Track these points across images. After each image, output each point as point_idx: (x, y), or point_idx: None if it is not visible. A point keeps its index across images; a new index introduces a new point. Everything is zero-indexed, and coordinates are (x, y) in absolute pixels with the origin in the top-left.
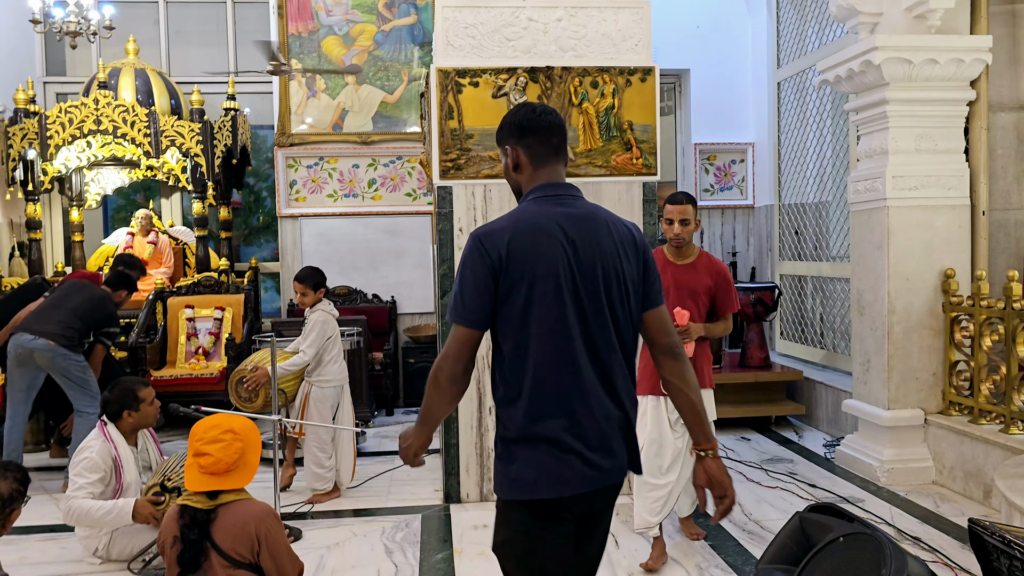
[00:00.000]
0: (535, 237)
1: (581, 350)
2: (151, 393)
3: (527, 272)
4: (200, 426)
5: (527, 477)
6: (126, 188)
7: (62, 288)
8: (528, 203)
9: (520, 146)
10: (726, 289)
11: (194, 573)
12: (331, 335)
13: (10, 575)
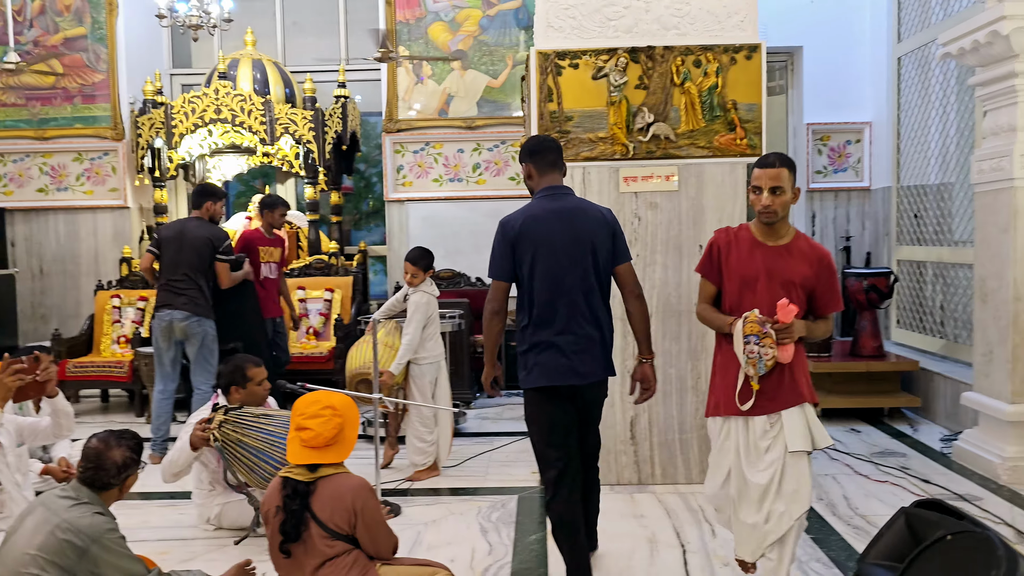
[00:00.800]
0: (537, 222)
1: (566, 292)
2: (261, 374)
3: (532, 243)
4: (302, 402)
5: (534, 374)
6: (245, 174)
7: (169, 250)
8: (536, 200)
9: (531, 162)
10: (829, 282)
11: (295, 542)
12: (431, 314)
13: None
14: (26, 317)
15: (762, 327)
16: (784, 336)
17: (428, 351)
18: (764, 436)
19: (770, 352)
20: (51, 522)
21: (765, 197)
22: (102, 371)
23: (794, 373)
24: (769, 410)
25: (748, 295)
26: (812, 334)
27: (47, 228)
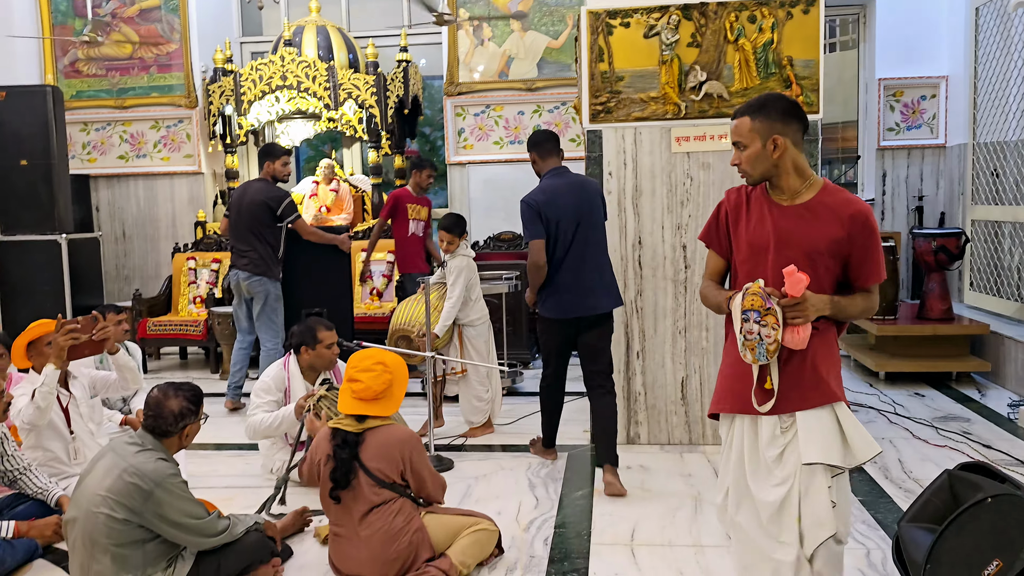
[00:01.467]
0: (552, 195)
1: (577, 249)
2: (331, 337)
3: (552, 214)
4: (356, 356)
5: (548, 306)
6: (313, 139)
7: (233, 213)
8: (546, 179)
9: (535, 152)
10: (866, 245)
11: (344, 489)
12: (472, 277)
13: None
14: (110, 278)
15: (765, 301)
16: (795, 314)
17: (477, 312)
18: (772, 443)
19: (772, 334)
20: (119, 466)
21: (734, 155)
22: (179, 329)
23: (816, 364)
24: (781, 409)
25: (758, 269)
26: (842, 312)
27: (128, 193)
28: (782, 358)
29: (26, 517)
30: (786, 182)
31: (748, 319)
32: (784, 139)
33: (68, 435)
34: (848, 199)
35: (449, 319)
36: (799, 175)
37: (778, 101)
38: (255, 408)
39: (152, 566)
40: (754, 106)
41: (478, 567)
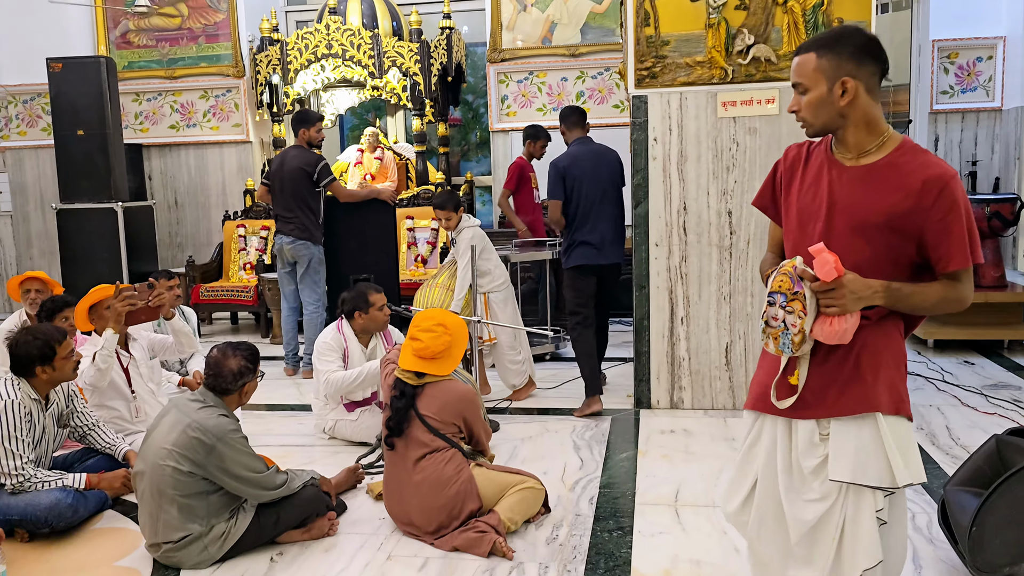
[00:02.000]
0: (576, 160)
1: (596, 209)
2: (382, 299)
3: (576, 177)
4: (420, 316)
5: (573, 258)
6: (358, 108)
7: (274, 182)
8: (572, 147)
9: (563, 124)
10: (945, 221)
11: (398, 437)
12: (484, 245)
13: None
14: (164, 245)
15: (794, 283)
16: (829, 302)
17: (499, 277)
18: (810, 451)
19: (797, 323)
20: (183, 422)
21: (792, 99)
22: (230, 295)
23: (860, 363)
24: (808, 413)
25: (802, 243)
26: (904, 303)
27: (179, 162)
28: (819, 352)
29: (95, 470)
30: (853, 136)
31: (773, 302)
32: (855, 83)
33: (129, 395)
34: (926, 162)
35: (462, 292)
36: (869, 130)
37: (854, 36)
38: (328, 366)
39: (216, 516)
40: (824, 41)
41: (525, 524)
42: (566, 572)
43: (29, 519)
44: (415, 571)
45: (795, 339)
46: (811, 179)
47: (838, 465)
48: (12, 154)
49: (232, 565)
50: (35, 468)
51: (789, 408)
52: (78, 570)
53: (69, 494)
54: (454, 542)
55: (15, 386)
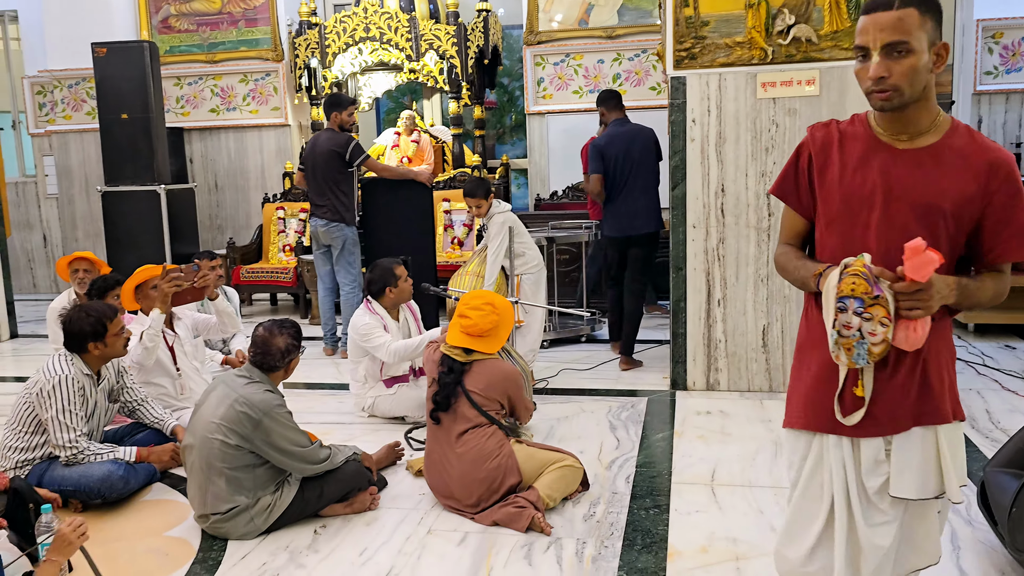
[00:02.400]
0: (614, 139)
1: (631, 184)
2: (404, 271)
3: (613, 155)
4: (469, 295)
5: (608, 228)
6: (394, 91)
7: (307, 166)
8: (611, 127)
9: (603, 107)
10: (1009, 206)
11: (444, 411)
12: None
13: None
14: (205, 227)
15: (872, 285)
16: (912, 304)
17: (530, 260)
18: (875, 470)
19: (879, 331)
20: (231, 397)
21: (875, 63)
22: (270, 276)
23: (928, 369)
24: (889, 429)
25: (854, 232)
26: (969, 300)
27: (219, 146)
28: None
29: (145, 444)
30: (916, 114)
31: (846, 308)
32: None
33: (175, 372)
34: (986, 145)
35: (492, 276)
36: (930, 107)
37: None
38: (381, 339)
39: (262, 489)
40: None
41: (563, 501)
42: (603, 548)
43: (82, 490)
44: (455, 545)
45: (875, 349)
46: (855, 162)
47: (903, 481)
48: (58, 138)
49: (277, 536)
50: (88, 441)
51: (856, 426)
52: (130, 539)
53: (120, 466)
54: (493, 516)
55: (69, 362)
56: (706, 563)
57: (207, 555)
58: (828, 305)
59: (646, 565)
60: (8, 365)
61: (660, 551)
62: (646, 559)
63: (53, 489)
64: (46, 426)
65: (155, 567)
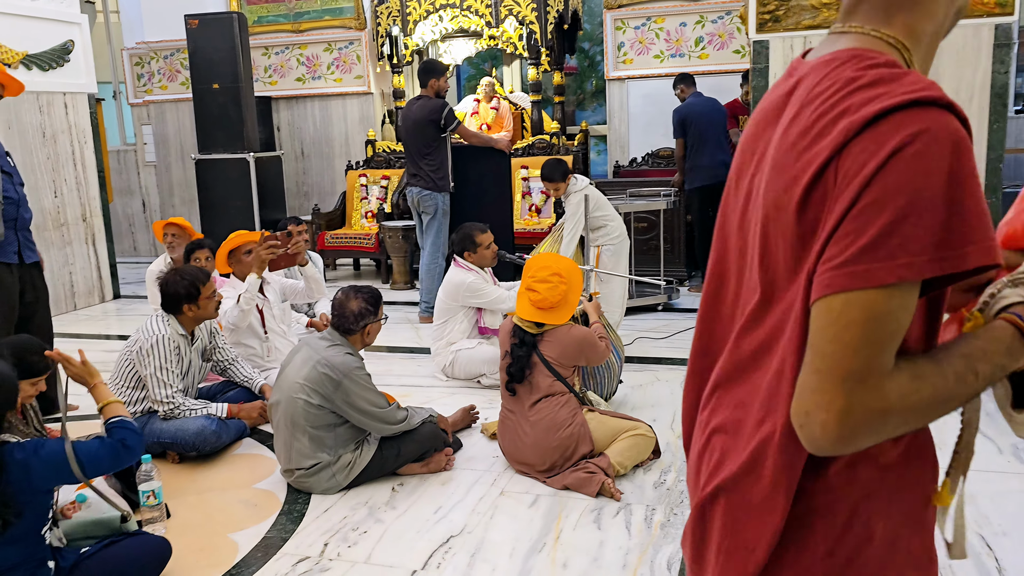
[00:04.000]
0: (693, 108)
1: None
2: (488, 238)
3: (692, 118)
4: (533, 264)
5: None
6: (474, 58)
7: (401, 134)
8: (690, 99)
9: (683, 84)
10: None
11: (519, 383)
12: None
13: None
14: (292, 194)
15: None
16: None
17: (612, 231)
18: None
19: None
20: (313, 358)
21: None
22: (353, 242)
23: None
24: None
25: None
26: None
27: (305, 114)
28: None
29: (235, 402)
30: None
31: None
32: None
33: (263, 334)
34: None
35: (570, 249)
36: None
37: None
38: (496, 291)
39: (343, 447)
40: None
41: (634, 468)
42: (672, 515)
43: (179, 443)
44: (526, 507)
45: None
46: None
47: None
48: (155, 107)
49: (357, 492)
50: (183, 397)
51: None
52: (222, 489)
53: (213, 422)
54: (565, 481)
55: (165, 322)
56: None
57: (292, 507)
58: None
59: None
60: (112, 324)
61: None
62: None
63: (152, 442)
64: (145, 382)
65: (245, 517)
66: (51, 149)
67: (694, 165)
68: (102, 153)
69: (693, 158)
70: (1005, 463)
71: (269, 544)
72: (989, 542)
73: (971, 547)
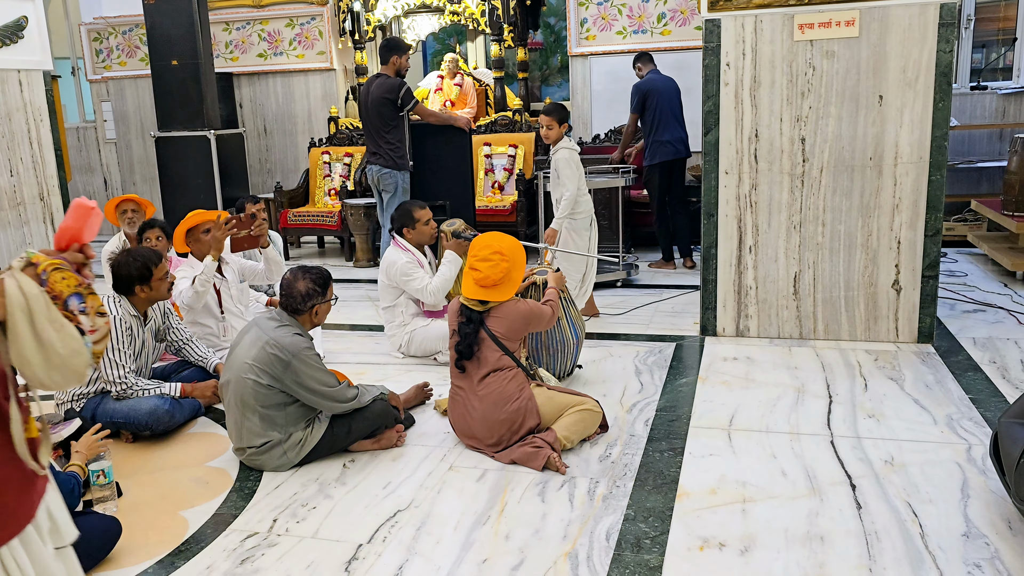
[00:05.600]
0: (652, 85)
1: (668, 116)
2: (427, 215)
3: (652, 98)
4: (477, 243)
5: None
6: (439, 33)
7: (360, 111)
8: (648, 75)
9: (640, 62)
10: None
11: (468, 360)
12: (579, 171)
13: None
14: (254, 171)
15: (77, 273)
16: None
17: (582, 207)
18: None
19: (101, 324)
20: (262, 339)
21: None
22: (316, 220)
23: None
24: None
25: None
26: None
27: (267, 90)
28: None
29: (189, 381)
30: None
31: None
32: None
33: (219, 314)
34: None
35: (566, 211)
36: None
37: None
38: (421, 280)
39: (293, 425)
40: None
41: (581, 442)
42: (615, 487)
43: (132, 423)
44: (473, 481)
45: (98, 348)
46: None
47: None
48: (114, 84)
49: (309, 469)
50: (136, 377)
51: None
52: (175, 468)
53: (166, 401)
54: (512, 455)
55: (117, 303)
56: (713, 504)
57: (244, 484)
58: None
59: (654, 504)
60: None
61: (670, 492)
62: (655, 499)
63: (105, 421)
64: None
65: (196, 494)
66: (5, 127)
67: (656, 140)
68: (59, 131)
69: (655, 134)
70: (939, 433)
71: (219, 520)
72: (915, 509)
73: (897, 513)
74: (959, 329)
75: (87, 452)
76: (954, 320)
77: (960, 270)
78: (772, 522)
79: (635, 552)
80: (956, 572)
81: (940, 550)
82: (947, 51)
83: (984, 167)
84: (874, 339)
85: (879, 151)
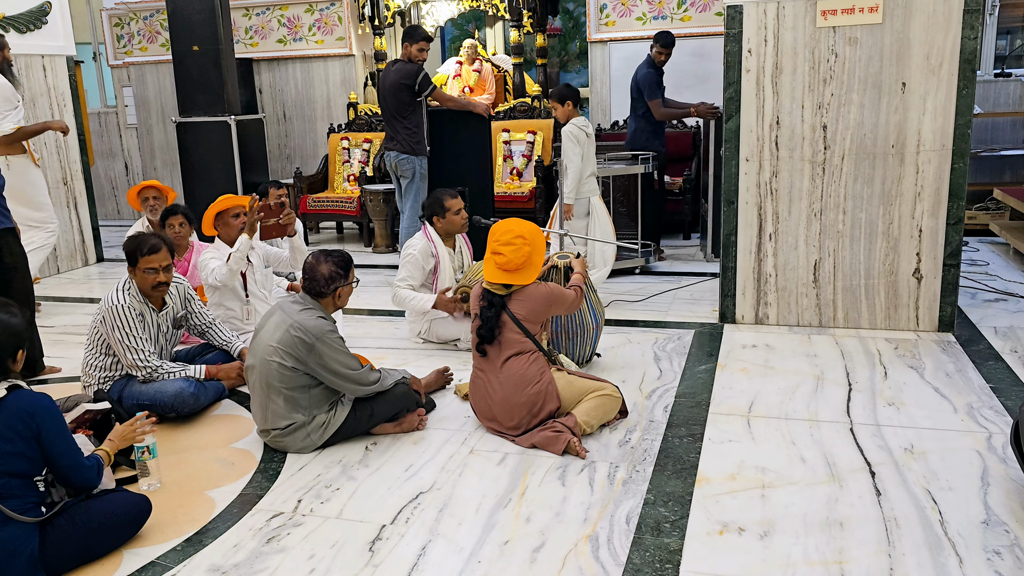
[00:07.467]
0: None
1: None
2: (458, 204)
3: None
4: (498, 228)
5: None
6: (458, 19)
7: (379, 98)
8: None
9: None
10: None
11: (490, 344)
12: (583, 150)
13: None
14: (274, 157)
15: None
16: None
17: (583, 187)
18: None
19: None
20: (287, 322)
21: None
22: (335, 206)
23: None
24: None
25: None
26: None
27: (287, 76)
28: None
29: (213, 363)
30: None
31: None
32: None
33: (244, 297)
34: None
35: (571, 187)
36: None
37: None
38: (401, 280)
39: (317, 408)
40: None
41: (601, 427)
42: (635, 472)
43: (158, 405)
44: (494, 465)
45: None
46: None
47: None
48: (136, 69)
49: (331, 452)
50: (160, 359)
51: None
52: (200, 449)
53: (191, 384)
54: (532, 439)
55: (126, 291)
56: (732, 490)
57: (268, 466)
58: None
59: (674, 489)
60: (95, 287)
61: (689, 477)
62: (674, 484)
63: (131, 403)
64: (115, 350)
65: (222, 475)
66: (30, 112)
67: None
68: (82, 116)
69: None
70: (959, 422)
71: (245, 500)
72: (935, 496)
73: (916, 500)
74: (980, 318)
75: (119, 442)
76: (975, 309)
77: (982, 259)
78: (791, 508)
79: (655, 536)
80: (975, 559)
81: (960, 537)
82: (971, 38)
83: (1007, 155)
84: (894, 327)
85: (901, 139)
